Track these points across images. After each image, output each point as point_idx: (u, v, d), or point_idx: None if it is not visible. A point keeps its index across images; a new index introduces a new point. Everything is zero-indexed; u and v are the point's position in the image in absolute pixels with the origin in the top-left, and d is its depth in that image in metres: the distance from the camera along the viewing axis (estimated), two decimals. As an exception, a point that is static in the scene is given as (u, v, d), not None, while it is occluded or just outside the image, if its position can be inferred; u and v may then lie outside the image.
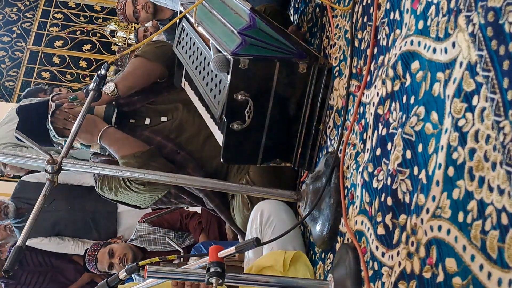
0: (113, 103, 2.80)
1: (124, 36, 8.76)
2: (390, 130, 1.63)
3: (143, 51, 2.93)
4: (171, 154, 2.75)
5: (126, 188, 2.68)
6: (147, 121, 2.84)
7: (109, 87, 2.73)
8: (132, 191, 2.69)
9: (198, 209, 4.31)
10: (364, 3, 2.02)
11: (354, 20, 2.11)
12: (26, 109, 2.87)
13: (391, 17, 1.75)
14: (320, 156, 2.27)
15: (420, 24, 1.52)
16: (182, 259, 2.99)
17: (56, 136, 2.65)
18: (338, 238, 2.00)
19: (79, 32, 8.55)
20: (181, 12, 2.61)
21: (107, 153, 2.79)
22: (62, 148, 2.63)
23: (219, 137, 2.35)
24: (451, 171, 1.26)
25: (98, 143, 2.72)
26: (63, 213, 4.86)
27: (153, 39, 3.17)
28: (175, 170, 2.65)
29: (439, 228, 1.28)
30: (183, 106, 2.83)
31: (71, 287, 4.97)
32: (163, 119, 2.83)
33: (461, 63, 1.27)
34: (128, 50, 2.97)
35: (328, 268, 2.05)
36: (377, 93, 1.77)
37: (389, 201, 1.57)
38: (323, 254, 2.14)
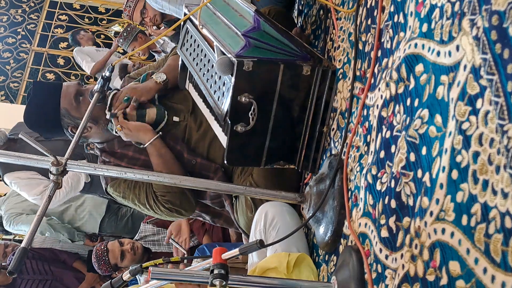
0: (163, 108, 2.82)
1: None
2: (394, 133, 1.63)
3: None
4: (188, 166, 2.76)
5: (146, 205, 2.70)
6: None
7: (161, 77, 2.83)
8: (153, 211, 2.72)
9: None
10: (368, 6, 2.02)
11: (358, 23, 2.11)
12: (40, 84, 2.87)
13: (395, 19, 1.75)
14: (324, 158, 2.27)
15: (424, 27, 1.52)
16: (185, 261, 2.99)
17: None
18: (342, 240, 2.00)
19: (83, 33, 8.56)
20: (185, 14, 2.61)
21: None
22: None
23: (223, 139, 2.36)
24: (455, 174, 1.26)
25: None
26: (61, 143, 4.37)
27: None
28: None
29: (443, 231, 1.28)
30: (193, 107, 2.82)
31: None
32: (175, 119, 2.82)
33: (465, 66, 1.27)
34: (136, 50, 3.00)
35: (332, 270, 2.05)
36: (381, 96, 1.77)
37: (393, 203, 1.57)
38: (327, 256, 2.14)
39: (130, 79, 3.07)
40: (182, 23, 2.70)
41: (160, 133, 2.73)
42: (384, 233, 1.60)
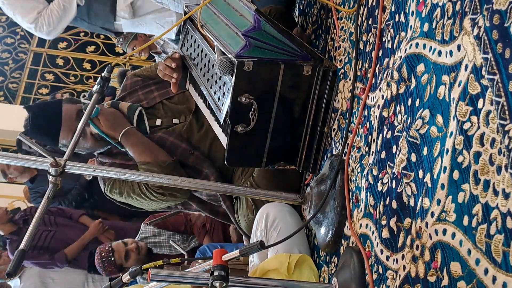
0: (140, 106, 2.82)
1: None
2: (395, 133, 1.63)
3: None
4: (183, 156, 2.74)
5: (141, 194, 2.68)
6: (158, 122, 2.82)
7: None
8: (148, 199, 2.69)
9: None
10: (369, 5, 2.02)
11: (359, 22, 2.10)
12: (38, 107, 2.87)
13: (396, 19, 1.75)
14: (325, 159, 2.27)
15: (425, 27, 1.52)
16: (186, 262, 2.99)
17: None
18: (343, 241, 1.99)
19: (83, 33, 8.55)
20: (185, 13, 2.60)
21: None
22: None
23: (224, 139, 2.35)
24: (456, 174, 1.25)
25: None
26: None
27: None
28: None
29: (444, 231, 1.27)
30: (195, 106, 2.81)
31: (73, 245, 5.06)
32: (175, 121, 2.82)
33: (466, 66, 1.27)
34: (136, 50, 3.01)
35: (333, 271, 2.05)
36: (382, 96, 1.77)
37: (394, 204, 1.56)
38: (328, 257, 2.14)
39: (135, 76, 3.06)
40: (182, 23, 2.69)
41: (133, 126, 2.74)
42: (385, 234, 1.60)
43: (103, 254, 4.09)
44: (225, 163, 2.23)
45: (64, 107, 2.76)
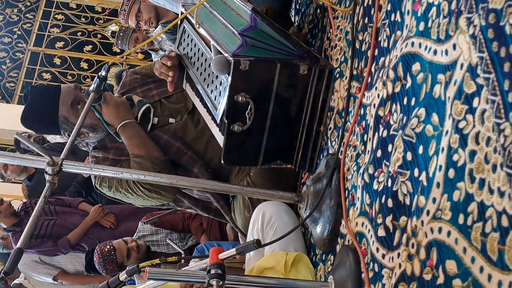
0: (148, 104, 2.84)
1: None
2: (391, 132, 1.63)
3: None
4: (177, 155, 2.74)
5: (128, 189, 2.67)
6: (155, 120, 2.83)
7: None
8: (135, 194, 2.69)
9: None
10: (365, 5, 2.02)
11: (355, 22, 2.11)
12: (38, 89, 2.88)
13: (392, 18, 1.75)
14: (321, 157, 2.27)
15: (421, 26, 1.52)
16: (183, 261, 2.99)
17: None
18: (339, 239, 1.99)
19: (80, 33, 8.56)
20: (182, 13, 2.60)
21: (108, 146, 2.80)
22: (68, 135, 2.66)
23: (220, 138, 2.35)
24: (451, 173, 1.26)
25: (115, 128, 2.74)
26: None
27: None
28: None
29: (440, 230, 1.28)
30: (192, 105, 2.81)
31: (75, 230, 5.07)
32: (171, 120, 2.82)
33: (461, 65, 1.27)
34: (139, 46, 3.02)
35: (329, 269, 2.05)
36: (378, 95, 1.77)
37: (390, 203, 1.56)
38: (324, 255, 2.14)
39: (134, 74, 3.06)
40: (179, 22, 2.69)
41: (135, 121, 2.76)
42: (381, 232, 1.60)
43: (104, 252, 4.07)
44: (222, 162, 2.23)
45: (63, 85, 2.82)
